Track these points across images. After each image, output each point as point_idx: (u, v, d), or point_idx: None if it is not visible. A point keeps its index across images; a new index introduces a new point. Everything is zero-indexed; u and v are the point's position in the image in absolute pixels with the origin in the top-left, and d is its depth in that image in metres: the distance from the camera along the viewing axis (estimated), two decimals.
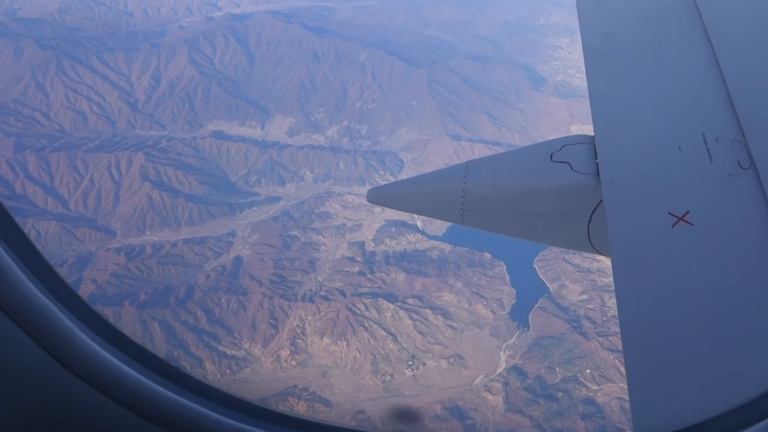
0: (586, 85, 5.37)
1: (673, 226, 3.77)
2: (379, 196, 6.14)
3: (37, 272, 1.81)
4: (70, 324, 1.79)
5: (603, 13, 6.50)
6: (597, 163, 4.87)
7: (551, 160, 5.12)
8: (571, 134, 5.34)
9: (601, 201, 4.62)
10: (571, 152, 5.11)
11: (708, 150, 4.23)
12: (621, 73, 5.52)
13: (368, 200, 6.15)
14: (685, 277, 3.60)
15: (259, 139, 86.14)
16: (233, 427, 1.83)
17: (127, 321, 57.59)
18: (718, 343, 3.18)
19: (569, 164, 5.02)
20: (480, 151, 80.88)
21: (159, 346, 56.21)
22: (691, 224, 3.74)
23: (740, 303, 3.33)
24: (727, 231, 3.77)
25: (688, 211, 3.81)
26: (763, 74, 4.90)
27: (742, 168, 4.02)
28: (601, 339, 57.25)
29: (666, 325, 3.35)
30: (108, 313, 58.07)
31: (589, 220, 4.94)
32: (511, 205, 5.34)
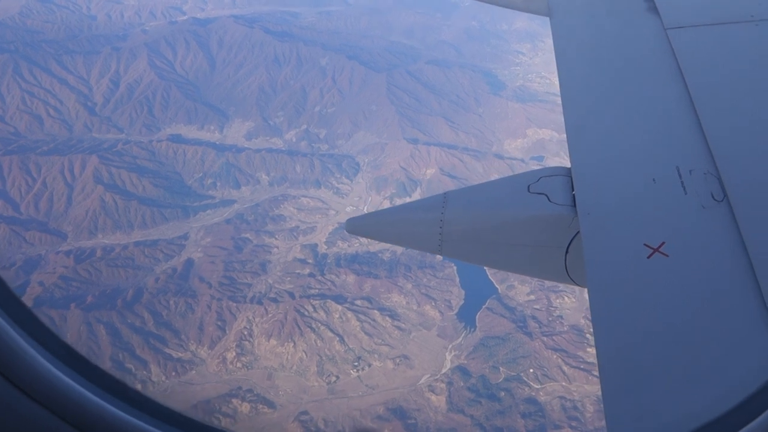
0: (563, 119, 5.47)
1: (648, 257, 3.80)
2: (357, 227, 6.10)
3: None
4: (16, 336, 1.75)
5: (578, 48, 6.60)
6: (574, 194, 4.90)
7: (528, 191, 5.13)
8: (547, 166, 5.46)
9: (578, 232, 4.64)
10: (548, 184, 5.13)
11: (682, 182, 4.30)
12: (596, 107, 5.62)
13: (347, 231, 6.11)
14: (660, 307, 3.66)
15: (217, 143, 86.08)
16: None
17: (73, 324, 57.19)
18: (691, 370, 3.25)
19: (546, 196, 5.03)
20: (436, 154, 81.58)
21: (103, 348, 55.93)
22: (667, 255, 3.79)
23: (712, 331, 3.40)
24: (702, 262, 3.81)
25: (663, 243, 3.86)
26: (734, 109, 5.02)
27: (716, 200, 4.08)
28: (545, 339, 57.84)
29: (641, 353, 3.43)
30: (53, 315, 57.73)
31: (566, 252, 4.94)
32: (489, 236, 5.34)
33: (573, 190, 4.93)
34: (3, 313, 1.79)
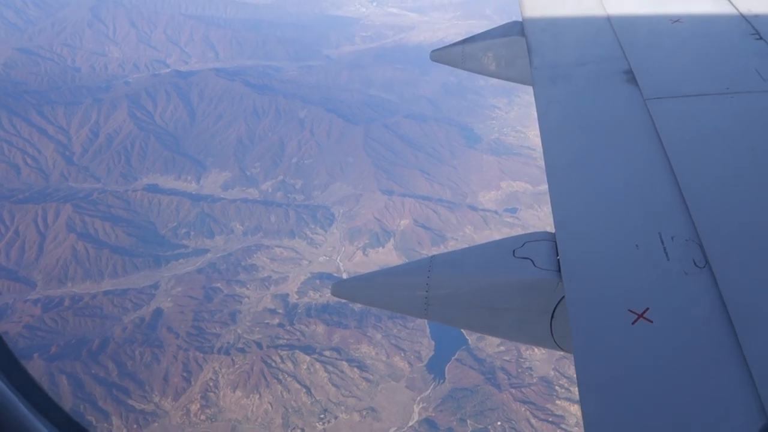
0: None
1: (633, 323, 3.85)
2: (343, 290, 6.12)
3: None
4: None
5: (560, 117, 6.73)
6: (558, 259, 4.92)
7: (514, 255, 5.14)
8: (532, 231, 5.46)
9: (563, 297, 4.68)
10: (533, 249, 5.14)
11: (665, 249, 4.36)
12: (580, 174, 5.73)
13: (332, 294, 6.01)
14: (645, 372, 3.69)
15: (193, 193, 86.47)
16: None
17: (34, 374, 56.10)
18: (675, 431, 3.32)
19: (531, 260, 5.04)
20: (410, 206, 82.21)
21: (64, 399, 54.85)
22: (651, 321, 3.85)
23: (696, 395, 3.44)
24: (685, 328, 3.85)
25: (647, 309, 3.91)
26: (713, 177, 5.15)
27: (698, 267, 4.15)
28: (513, 391, 57.44)
29: (626, 417, 3.45)
30: None
31: (552, 316, 4.94)
32: (474, 300, 5.34)
33: (557, 255, 4.93)
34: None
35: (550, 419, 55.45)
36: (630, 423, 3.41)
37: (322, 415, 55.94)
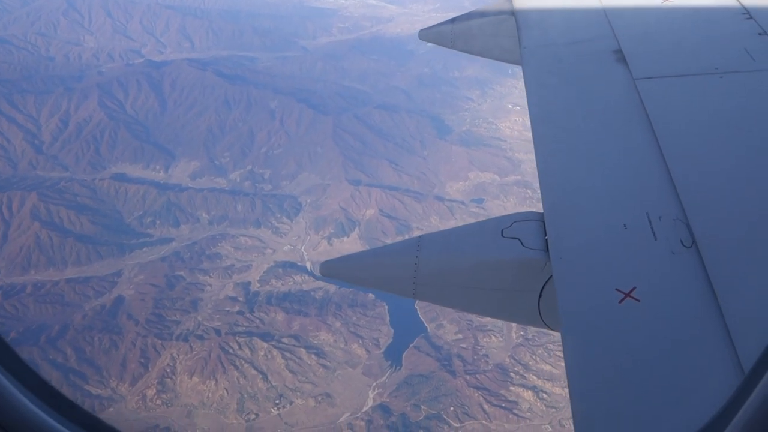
0: (536, 166, 5.57)
1: (620, 302, 3.87)
2: (331, 270, 6.04)
3: None
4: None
5: (549, 97, 6.72)
6: (546, 239, 4.96)
7: (502, 235, 5.15)
8: (520, 212, 5.49)
9: (551, 277, 4.69)
10: (521, 228, 5.16)
11: (652, 228, 4.38)
12: (568, 154, 5.73)
13: (320, 273, 6.06)
14: (631, 351, 3.72)
15: (161, 182, 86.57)
16: None
17: None
18: (660, 411, 3.32)
19: (519, 240, 5.06)
20: (376, 196, 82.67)
21: None
22: (638, 300, 3.87)
23: (682, 373, 3.47)
24: (672, 307, 3.87)
25: (634, 288, 3.93)
26: (701, 157, 5.18)
27: (685, 246, 4.18)
28: (468, 377, 58.15)
29: (612, 394, 3.50)
30: None
31: (540, 295, 4.98)
32: (463, 280, 5.36)
33: (546, 235, 4.98)
34: None
35: (503, 405, 56.20)
36: (617, 400, 3.46)
37: (277, 401, 56.47)
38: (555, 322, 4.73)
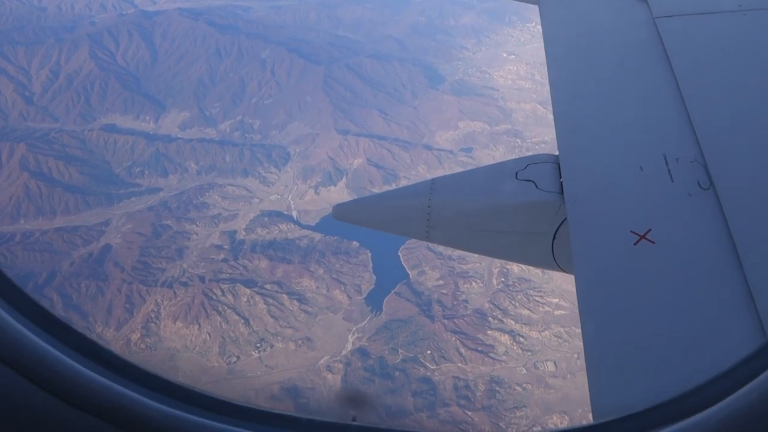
0: (551, 108, 5.48)
1: (635, 244, 3.81)
2: (345, 213, 6.10)
3: None
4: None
5: (566, 36, 6.58)
6: (561, 182, 4.91)
7: (516, 178, 5.12)
8: (534, 154, 5.44)
9: (566, 219, 4.65)
10: (536, 171, 5.13)
11: (669, 170, 4.30)
12: (585, 95, 5.63)
13: (333, 216, 6.02)
14: (645, 293, 3.69)
15: (150, 133, 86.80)
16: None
17: None
18: (674, 350, 3.29)
19: (534, 182, 5.03)
20: (364, 145, 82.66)
21: None
22: (653, 242, 3.81)
23: (697, 315, 3.44)
24: (688, 249, 3.82)
25: (649, 230, 3.87)
26: (721, 98, 5.06)
27: (702, 188, 4.09)
28: (446, 321, 59.04)
29: (626, 335, 3.48)
30: None
31: (554, 238, 4.94)
32: (476, 223, 5.32)
33: (561, 177, 4.94)
34: None
35: (480, 348, 57.15)
36: (629, 343, 3.43)
37: (258, 345, 57.67)
38: (569, 265, 4.72)
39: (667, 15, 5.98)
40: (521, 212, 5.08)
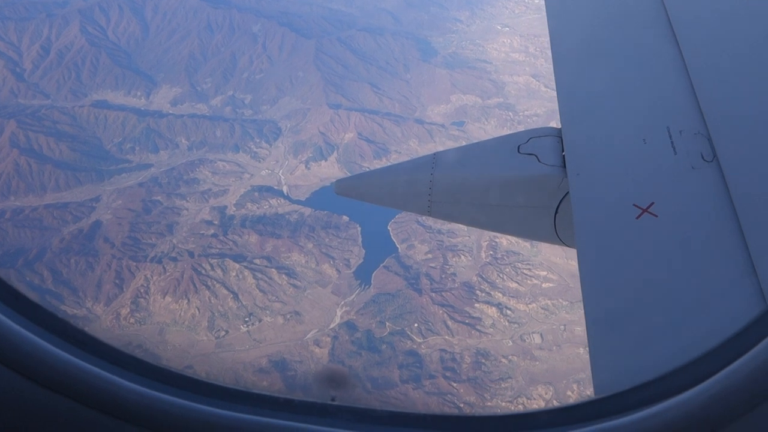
0: (554, 82, 5.43)
1: (637, 218, 3.79)
2: (346, 188, 6.08)
3: None
4: None
5: (571, 11, 6.49)
6: (563, 155, 4.88)
7: (518, 152, 5.09)
8: (536, 128, 5.43)
9: (568, 193, 4.62)
10: (538, 144, 5.09)
11: (672, 143, 4.25)
12: (588, 68, 5.56)
13: (335, 192, 6.01)
14: (648, 265, 3.66)
15: (142, 109, 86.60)
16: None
17: None
18: (674, 320, 3.30)
19: (536, 156, 5.00)
20: (356, 119, 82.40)
21: None
22: (656, 216, 3.78)
23: (699, 287, 3.42)
24: (690, 223, 3.79)
25: (652, 203, 3.84)
26: (726, 69, 4.95)
27: (705, 161, 4.05)
28: (433, 295, 59.36)
29: (627, 306, 3.45)
30: None
31: (556, 212, 4.93)
32: (478, 197, 5.31)
33: (563, 151, 4.90)
34: None
35: (467, 321, 57.53)
36: (631, 315, 3.40)
37: (247, 319, 58.12)
38: (571, 239, 4.66)
39: None
40: (523, 186, 5.06)
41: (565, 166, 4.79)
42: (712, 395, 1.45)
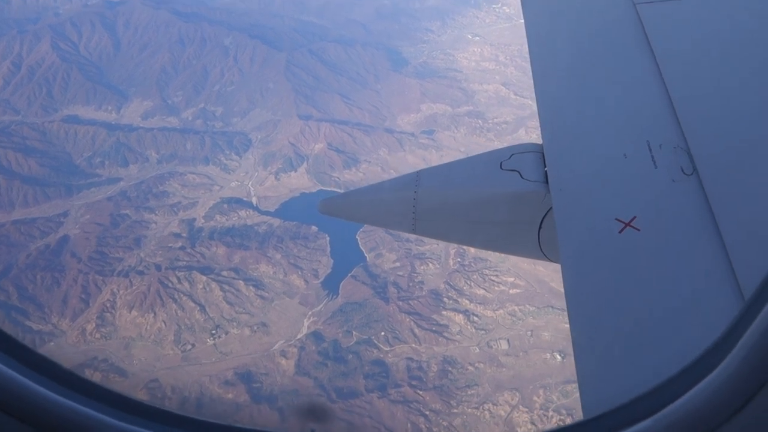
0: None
1: (620, 232, 3.81)
2: (330, 208, 6.09)
3: None
4: None
5: (548, 23, 6.54)
6: (546, 171, 4.92)
7: (501, 168, 5.12)
8: (519, 143, 5.46)
9: (551, 208, 4.65)
10: (520, 160, 5.13)
11: (652, 157, 4.30)
12: (568, 83, 5.61)
13: (320, 211, 6.00)
14: (632, 280, 3.67)
15: (112, 123, 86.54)
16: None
17: None
18: (660, 337, 3.28)
19: (519, 172, 5.03)
20: (326, 130, 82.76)
21: None
22: (638, 229, 3.81)
23: (682, 301, 3.44)
24: (672, 235, 3.82)
25: (634, 217, 3.87)
26: (703, 83, 5.03)
27: (685, 174, 4.11)
28: (401, 303, 59.56)
29: (613, 323, 3.47)
30: None
31: (539, 228, 4.94)
32: (462, 214, 5.34)
33: (545, 167, 4.93)
34: None
35: (434, 328, 57.74)
36: (616, 330, 3.43)
37: (213, 331, 58.04)
38: (555, 254, 4.68)
39: (648, 1, 5.97)
40: (506, 202, 5.08)
41: (547, 182, 4.83)
42: (693, 407, 1.49)
